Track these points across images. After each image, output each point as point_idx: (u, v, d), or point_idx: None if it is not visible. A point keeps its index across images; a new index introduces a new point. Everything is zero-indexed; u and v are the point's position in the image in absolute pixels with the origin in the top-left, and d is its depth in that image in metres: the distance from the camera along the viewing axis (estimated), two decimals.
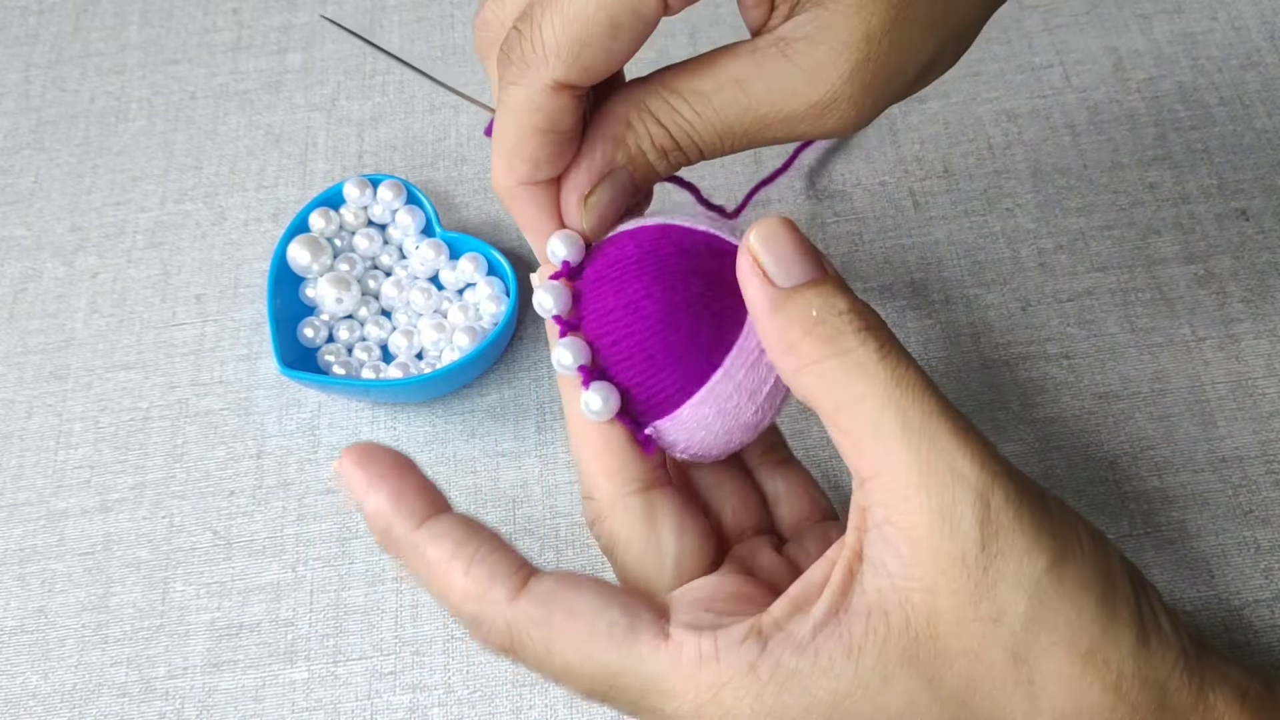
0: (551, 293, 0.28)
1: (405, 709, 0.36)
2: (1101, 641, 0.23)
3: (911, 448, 0.23)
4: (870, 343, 0.24)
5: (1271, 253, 0.42)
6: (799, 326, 0.25)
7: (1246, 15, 0.47)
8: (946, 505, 0.23)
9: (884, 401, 0.24)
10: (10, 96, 0.51)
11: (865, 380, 0.24)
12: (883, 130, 0.46)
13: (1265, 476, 0.37)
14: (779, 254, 0.25)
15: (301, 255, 0.42)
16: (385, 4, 0.51)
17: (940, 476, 0.23)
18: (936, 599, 0.23)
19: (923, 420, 0.24)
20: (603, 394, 0.27)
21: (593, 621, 0.25)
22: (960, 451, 0.23)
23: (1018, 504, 0.23)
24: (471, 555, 0.25)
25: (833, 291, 0.25)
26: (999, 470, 0.23)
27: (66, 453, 0.41)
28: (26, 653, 0.38)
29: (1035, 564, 0.23)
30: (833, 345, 0.24)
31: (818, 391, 0.25)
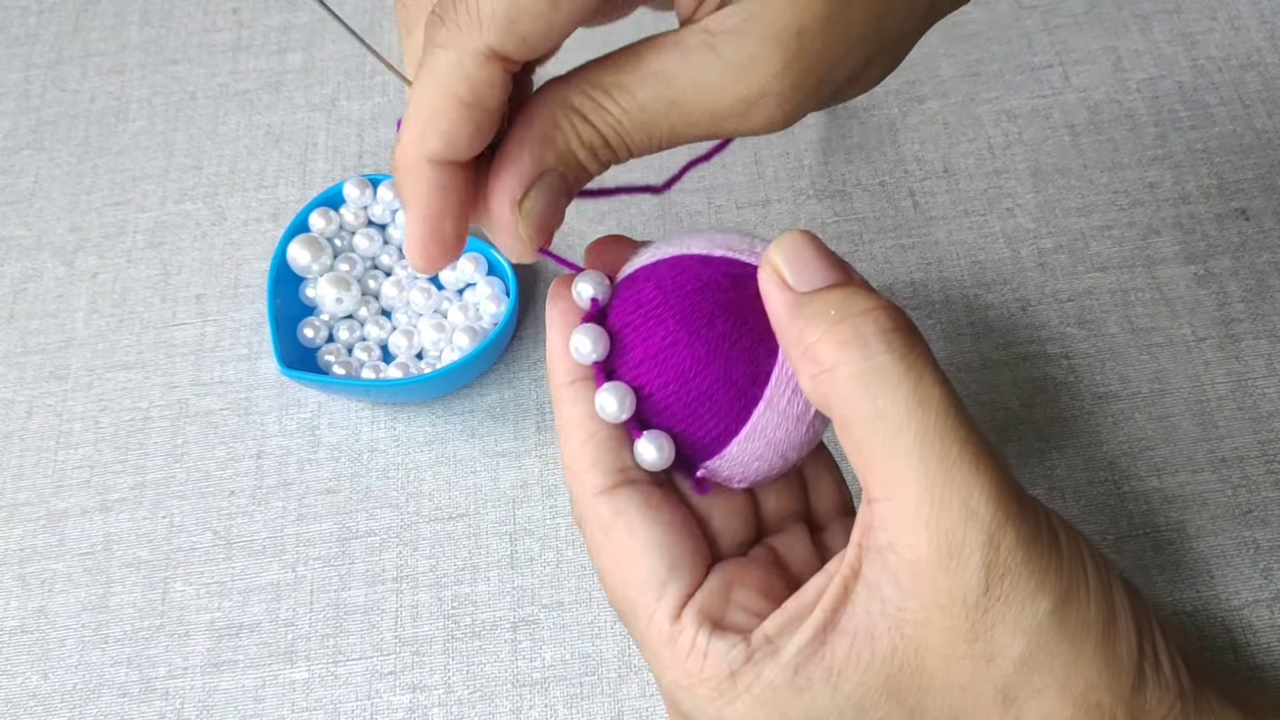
0: (590, 336, 0.27)
1: (405, 709, 0.36)
2: (1097, 684, 0.23)
3: (926, 477, 0.22)
4: (896, 347, 0.23)
5: (1271, 253, 0.42)
6: (817, 328, 0.24)
7: (1246, 15, 0.47)
8: (955, 544, 0.22)
9: (904, 422, 0.23)
10: (10, 96, 0.51)
11: (886, 393, 0.23)
12: (883, 130, 0.46)
13: (1265, 476, 0.37)
14: (799, 261, 0.25)
15: (301, 255, 0.42)
16: (385, 4, 0.51)
17: (953, 513, 0.22)
18: (929, 633, 0.23)
19: (943, 448, 0.22)
20: (656, 444, 0.27)
21: (638, 558, 0.25)
22: (976, 486, 0.22)
23: (1028, 546, 0.23)
24: (595, 432, 0.26)
25: (855, 291, 0.24)
26: (1013, 511, 0.23)
27: (66, 453, 0.41)
28: (26, 653, 0.38)
29: (1038, 607, 0.23)
30: (853, 349, 0.23)
31: (835, 400, 0.24)
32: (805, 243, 0.25)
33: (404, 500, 0.39)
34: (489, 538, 0.39)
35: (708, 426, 0.27)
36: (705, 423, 0.27)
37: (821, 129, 0.46)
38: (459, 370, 0.39)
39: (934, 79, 0.47)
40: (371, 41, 0.50)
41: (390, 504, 0.39)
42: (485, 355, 0.39)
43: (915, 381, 0.23)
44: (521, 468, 0.40)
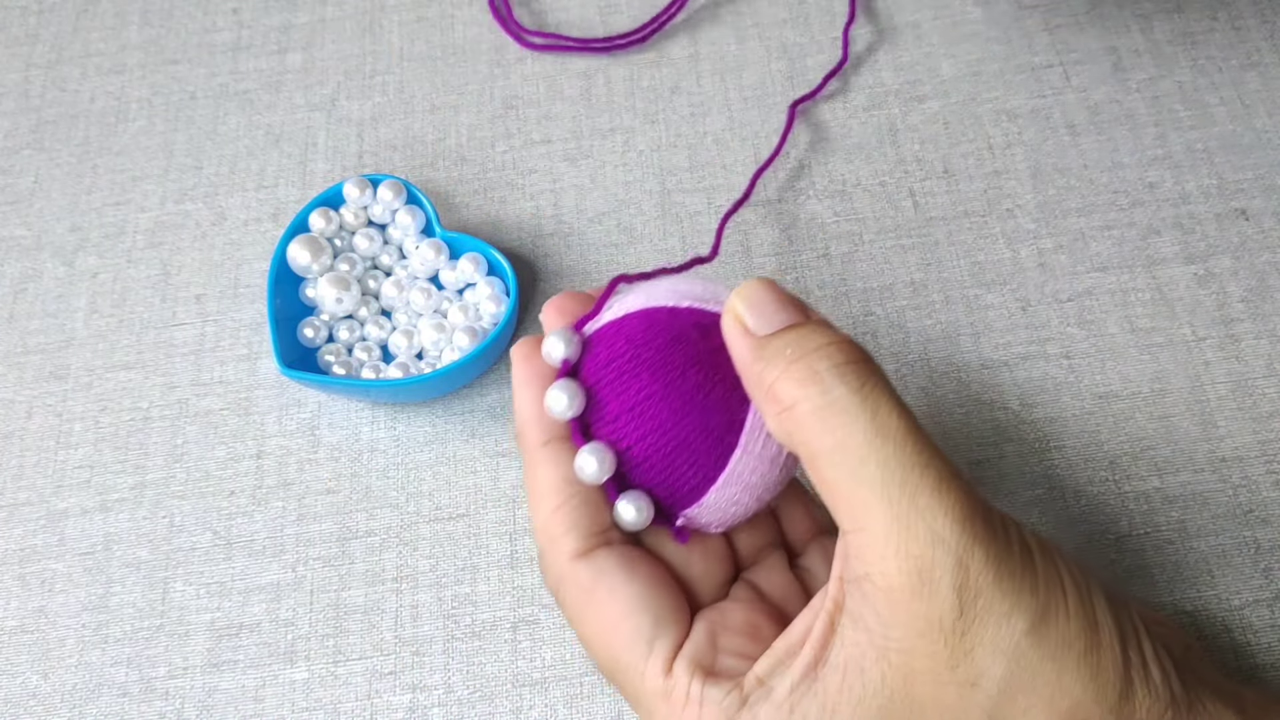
0: (566, 392, 0.27)
1: (405, 709, 0.36)
2: (1083, 699, 0.23)
3: (891, 506, 0.23)
4: (850, 379, 0.24)
5: (1271, 253, 0.42)
6: (775, 367, 0.24)
7: (1246, 15, 0.47)
8: (925, 569, 0.22)
9: (864, 453, 0.23)
10: (10, 96, 0.51)
11: (845, 426, 0.23)
12: (883, 130, 0.46)
13: (1265, 476, 0.37)
14: (758, 306, 0.26)
15: (301, 255, 0.42)
16: (385, 4, 0.51)
17: (919, 539, 0.23)
18: (914, 659, 0.23)
19: (904, 475, 0.23)
20: (635, 504, 0.27)
21: (622, 619, 0.26)
22: (941, 510, 0.23)
23: (998, 565, 0.23)
24: (569, 495, 0.26)
25: (810, 330, 0.25)
26: (980, 532, 0.23)
27: (66, 453, 0.41)
28: (26, 653, 0.38)
29: (1015, 627, 0.23)
30: (810, 385, 0.24)
31: (798, 437, 0.24)
32: (764, 289, 0.26)
33: (404, 500, 0.39)
34: (489, 538, 0.39)
35: (686, 477, 0.27)
36: (683, 473, 0.27)
37: (821, 129, 0.46)
38: (459, 370, 0.39)
39: (934, 79, 0.47)
40: (371, 40, 0.50)
41: (390, 504, 0.39)
42: (485, 355, 0.39)
43: (872, 412, 0.23)
44: (521, 468, 0.40)
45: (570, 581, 0.26)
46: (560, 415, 0.27)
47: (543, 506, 0.27)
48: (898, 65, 0.47)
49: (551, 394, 0.27)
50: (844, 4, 0.49)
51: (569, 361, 0.28)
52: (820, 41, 0.48)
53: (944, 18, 0.48)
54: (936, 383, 0.40)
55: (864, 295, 0.42)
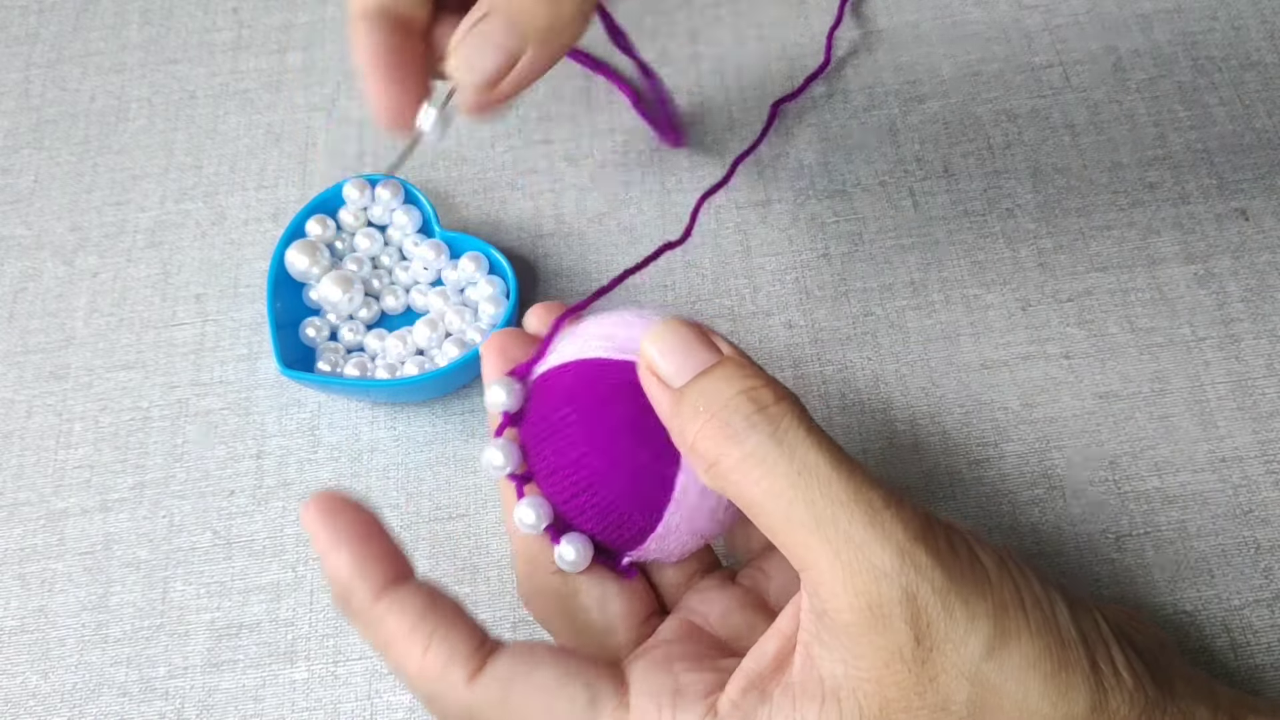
0: (503, 451, 0.28)
1: (405, 709, 0.36)
2: (1053, 715, 0.23)
3: (829, 545, 0.23)
4: (763, 427, 0.24)
5: (1271, 253, 0.42)
6: (693, 424, 0.24)
7: (1246, 15, 0.47)
8: (874, 603, 0.22)
9: (791, 496, 0.23)
10: (10, 96, 0.50)
11: (767, 476, 0.23)
12: (883, 130, 0.46)
13: (1265, 476, 0.37)
14: (669, 354, 0.25)
15: (300, 260, 0.42)
16: None
17: (863, 575, 0.22)
18: (884, 689, 0.23)
19: (834, 512, 0.23)
20: (576, 546, 0.28)
21: (552, 701, 0.25)
22: (878, 544, 0.23)
23: (946, 592, 0.23)
24: (431, 632, 0.25)
25: (720, 378, 0.25)
26: (923, 559, 0.23)
27: (66, 453, 0.41)
28: (26, 653, 0.38)
29: (973, 651, 0.23)
30: (727, 442, 0.24)
31: (728, 491, 0.24)
32: (671, 332, 0.25)
33: (404, 500, 0.39)
34: (489, 538, 0.39)
35: (628, 524, 0.28)
36: (624, 521, 0.27)
37: (821, 129, 0.46)
38: (459, 370, 0.39)
39: (934, 79, 0.47)
40: None
41: (390, 504, 0.39)
42: None
43: (789, 456, 0.23)
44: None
45: (481, 705, 0.25)
46: (497, 473, 0.28)
47: (411, 655, 0.25)
48: (898, 65, 0.47)
49: (488, 453, 0.28)
50: None
51: (509, 416, 0.28)
52: (820, 42, 0.48)
53: (944, 18, 0.48)
54: (936, 383, 0.40)
55: (864, 295, 0.42)
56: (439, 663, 0.25)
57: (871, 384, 0.40)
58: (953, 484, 0.38)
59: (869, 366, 0.41)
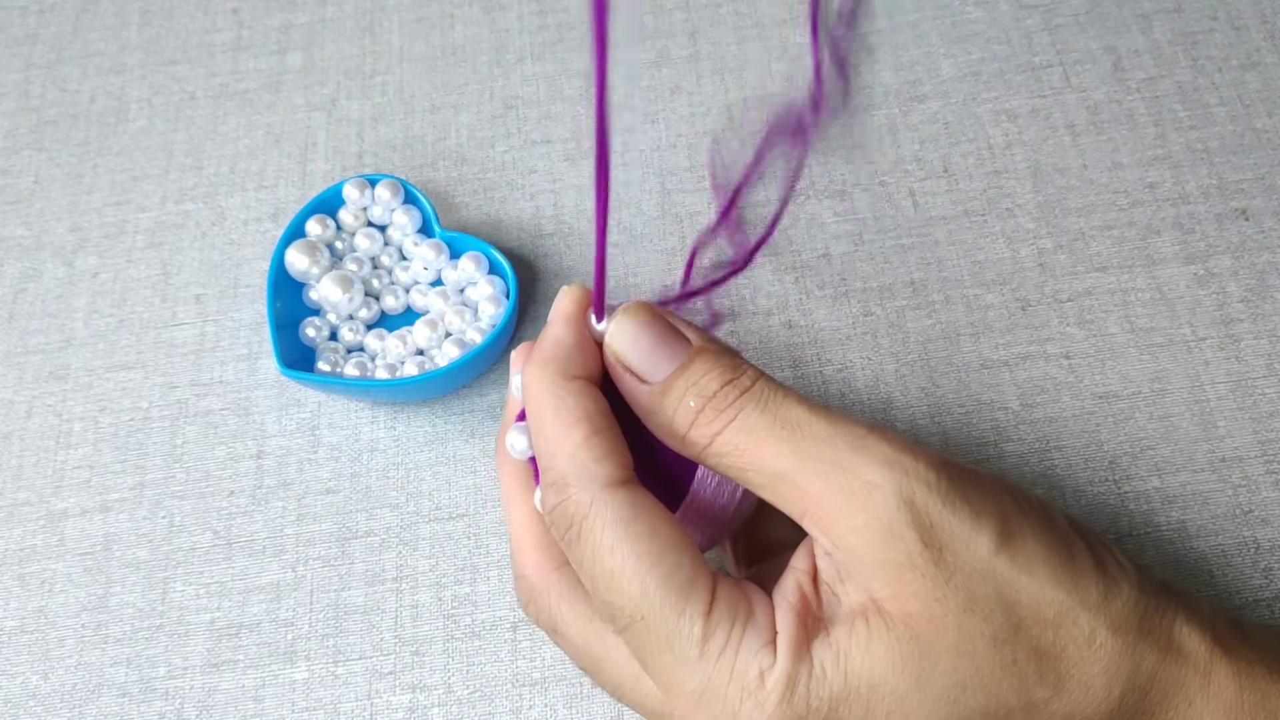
0: (525, 435, 0.28)
1: (405, 709, 0.36)
2: (1069, 604, 0.24)
3: (820, 478, 0.24)
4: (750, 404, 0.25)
5: (1271, 253, 0.42)
6: (681, 418, 0.25)
7: (1246, 15, 0.47)
8: (875, 518, 0.23)
9: (777, 449, 0.24)
10: (10, 96, 0.51)
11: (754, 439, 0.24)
12: (883, 130, 0.46)
13: (1265, 476, 0.37)
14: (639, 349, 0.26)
15: (300, 260, 0.42)
16: (385, 4, 0.51)
17: (856, 494, 0.23)
18: (906, 603, 0.23)
19: (818, 449, 0.24)
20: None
21: (664, 554, 0.25)
22: (866, 462, 0.23)
23: (944, 493, 0.23)
24: (598, 428, 0.25)
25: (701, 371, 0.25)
26: (911, 466, 0.23)
27: (66, 453, 0.41)
28: (26, 653, 0.38)
29: (981, 547, 0.23)
30: (718, 422, 0.25)
31: (726, 467, 0.25)
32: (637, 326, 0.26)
33: (404, 500, 0.39)
34: (489, 538, 0.39)
35: None
36: None
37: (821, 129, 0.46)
38: (459, 370, 0.39)
39: (934, 79, 0.47)
40: (371, 40, 0.50)
41: (390, 504, 0.39)
42: (485, 355, 0.39)
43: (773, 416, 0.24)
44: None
45: (607, 512, 0.25)
46: (520, 455, 0.28)
47: (574, 434, 0.25)
48: (898, 65, 0.47)
49: (511, 434, 0.28)
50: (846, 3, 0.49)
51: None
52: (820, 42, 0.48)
53: (944, 18, 0.48)
54: (936, 383, 0.40)
55: (864, 295, 0.42)
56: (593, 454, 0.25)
57: (871, 384, 0.40)
58: None
59: (869, 366, 0.41)
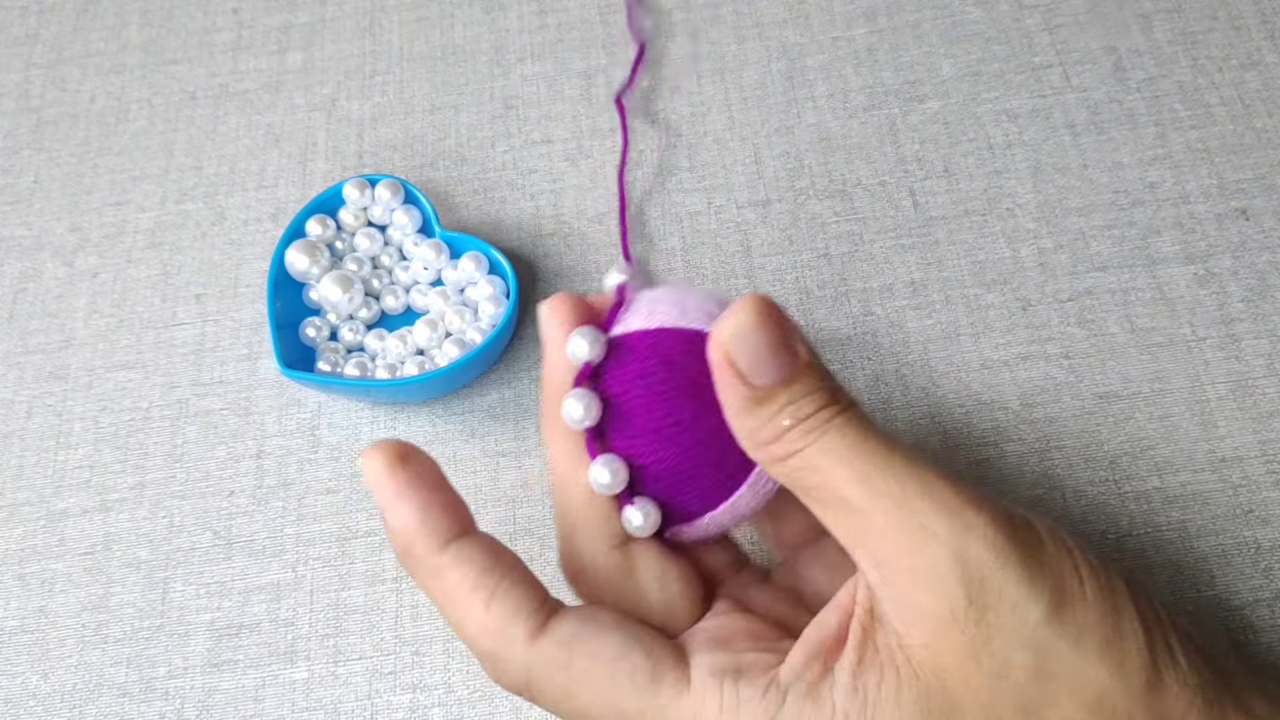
0: (582, 402, 0.26)
1: (405, 709, 0.36)
2: (1110, 687, 0.23)
3: (883, 514, 0.23)
4: (833, 429, 0.24)
5: (1271, 253, 0.42)
6: (770, 431, 0.25)
7: (1246, 15, 0.47)
8: (926, 566, 0.23)
9: (849, 475, 0.24)
10: (10, 96, 0.51)
11: (831, 461, 0.24)
12: (883, 130, 0.46)
13: (1265, 476, 0.37)
14: (751, 350, 0.24)
15: (300, 260, 0.42)
16: (385, 4, 0.51)
17: (914, 538, 0.23)
18: (940, 656, 0.23)
19: (887, 485, 0.23)
20: (645, 510, 0.27)
21: (615, 667, 0.24)
22: (931, 510, 0.23)
23: (1001, 554, 0.23)
24: (494, 587, 0.25)
25: (803, 392, 0.25)
26: (973, 521, 0.23)
27: (66, 453, 0.41)
28: (26, 653, 0.38)
29: (1030, 614, 0.23)
30: (800, 442, 0.24)
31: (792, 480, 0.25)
32: (755, 328, 0.24)
33: None
34: None
35: (692, 502, 0.27)
36: (691, 499, 0.27)
37: (821, 129, 0.46)
38: (459, 370, 0.39)
39: (934, 79, 0.47)
40: (371, 40, 0.50)
41: None
42: (485, 355, 0.39)
43: (852, 440, 0.24)
44: (521, 468, 0.40)
45: (541, 666, 0.24)
46: (574, 425, 0.26)
47: (473, 610, 0.25)
48: (898, 65, 0.47)
49: (569, 402, 0.26)
50: (844, 4, 0.49)
51: (589, 366, 0.27)
52: (820, 41, 0.48)
53: (944, 18, 0.48)
54: (936, 383, 0.40)
55: (864, 295, 0.42)
56: (501, 619, 0.24)
57: (871, 384, 0.40)
58: None
59: (869, 366, 0.41)
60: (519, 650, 0.24)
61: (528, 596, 0.25)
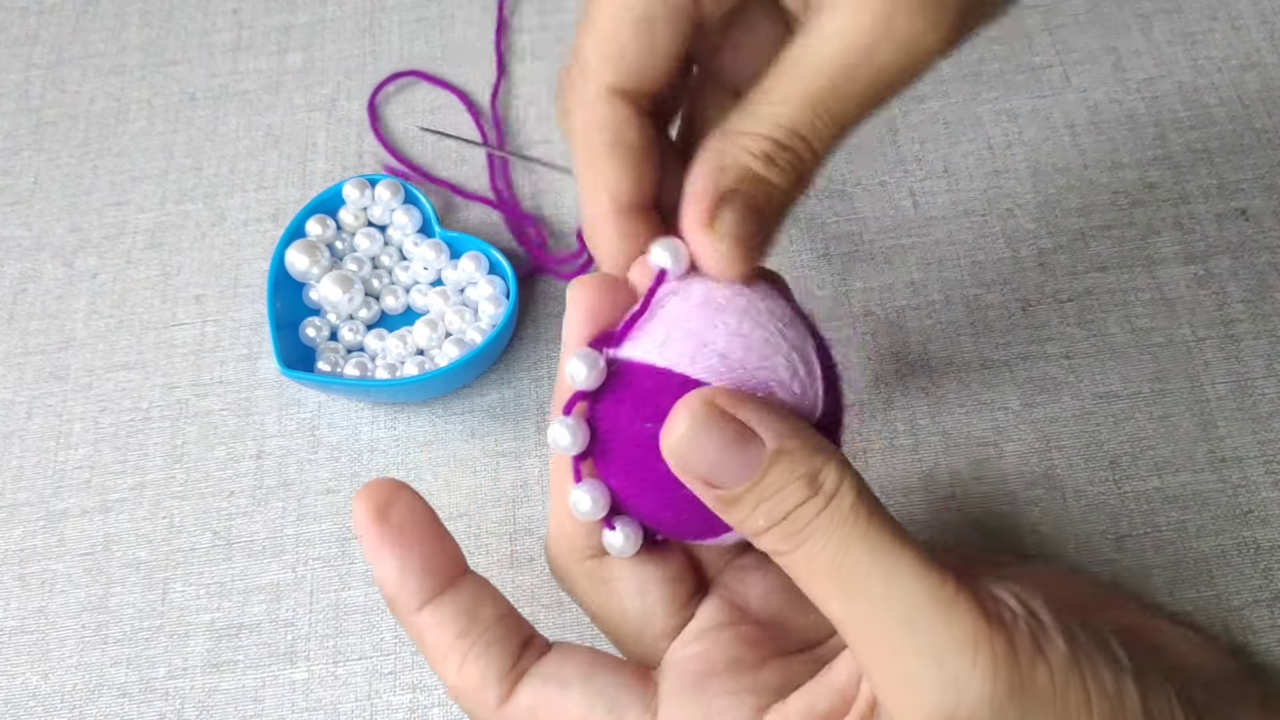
0: (570, 431, 0.25)
1: (405, 709, 0.36)
2: None
3: (870, 648, 0.22)
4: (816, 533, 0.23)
5: (1271, 253, 0.42)
6: (751, 525, 0.23)
7: (1246, 15, 0.47)
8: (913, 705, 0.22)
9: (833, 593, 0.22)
10: (10, 97, 0.51)
11: (812, 576, 0.23)
12: (883, 130, 0.46)
13: (1265, 476, 0.37)
14: (705, 458, 0.23)
15: (300, 260, 0.42)
16: (385, 4, 0.51)
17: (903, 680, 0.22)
18: None
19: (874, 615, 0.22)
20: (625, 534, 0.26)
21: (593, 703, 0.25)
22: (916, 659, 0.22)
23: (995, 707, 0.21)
24: (466, 651, 0.25)
25: (774, 489, 0.23)
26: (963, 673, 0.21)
27: (66, 453, 0.41)
28: (26, 653, 0.38)
29: None
30: (791, 544, 0.23)
31: (796, 580, 0.24)
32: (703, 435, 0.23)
33: None
34: (489, 538, 0.39)
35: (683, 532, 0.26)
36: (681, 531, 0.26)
37: None
38: (459, 370, 0.39)
39: (934, 79, 0.47)
40: (371, 40, 0.50)
41: None
42: (485, 355, 0.39)
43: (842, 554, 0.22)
44: (521, 468, 0.40)
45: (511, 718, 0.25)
46: (560, 451, 0.26)
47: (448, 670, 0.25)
48: None
49: (556, 428, 0.25)
50: None
51: (582, 394, 0.25)
52: None
53: None
54: (936, 383, 0.40)
55: (864, 295, 0.42)
56: (473, 682, 0.25)
57: (872, 384, 0.40)
58: (953, 484, 0.38)
59: (869, 367, 0.41)
60: (490, 714, 0.25)
61: (500, 657, 0.25)
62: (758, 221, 0.24)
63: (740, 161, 0.24)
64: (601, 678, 0.26)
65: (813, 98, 0.24)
